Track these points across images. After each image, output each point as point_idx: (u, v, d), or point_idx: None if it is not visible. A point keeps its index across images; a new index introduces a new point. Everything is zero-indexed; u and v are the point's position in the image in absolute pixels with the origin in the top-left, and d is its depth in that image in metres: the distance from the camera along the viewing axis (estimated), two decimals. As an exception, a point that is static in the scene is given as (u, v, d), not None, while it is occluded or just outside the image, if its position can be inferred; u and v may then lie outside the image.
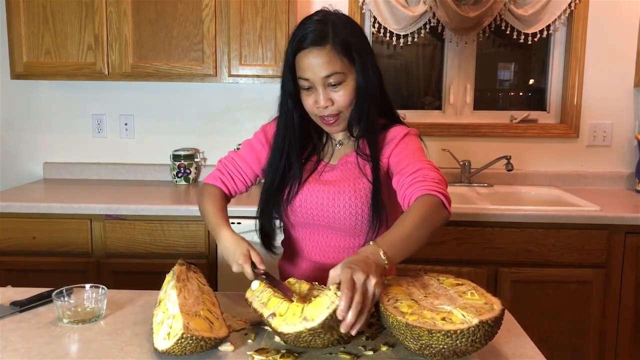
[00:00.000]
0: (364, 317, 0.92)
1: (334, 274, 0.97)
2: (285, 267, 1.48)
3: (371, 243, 1.04)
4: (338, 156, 1.38)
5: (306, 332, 0.93)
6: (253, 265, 1.18)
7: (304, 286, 1.15)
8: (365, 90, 1.27)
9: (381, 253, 1.01)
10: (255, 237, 1.43)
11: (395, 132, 1.33)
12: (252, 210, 1.48)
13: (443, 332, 0.88)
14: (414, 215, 1.10)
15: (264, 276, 1.16)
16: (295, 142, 1.33)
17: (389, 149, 1.31)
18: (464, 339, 0.88)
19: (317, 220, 1.33)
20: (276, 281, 1.16)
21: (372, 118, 1.30)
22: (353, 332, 0.92)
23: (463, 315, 0.91)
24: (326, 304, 0.92)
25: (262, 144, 1.42)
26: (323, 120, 1.29)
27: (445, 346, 0.89)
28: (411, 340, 0.92)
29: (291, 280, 1.20)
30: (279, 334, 0.99)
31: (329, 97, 1.25)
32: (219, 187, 1.42)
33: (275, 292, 1.07)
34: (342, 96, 1.25)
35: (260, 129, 1.46)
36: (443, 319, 0.91)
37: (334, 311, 0.90)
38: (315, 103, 1.26)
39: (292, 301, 1.02)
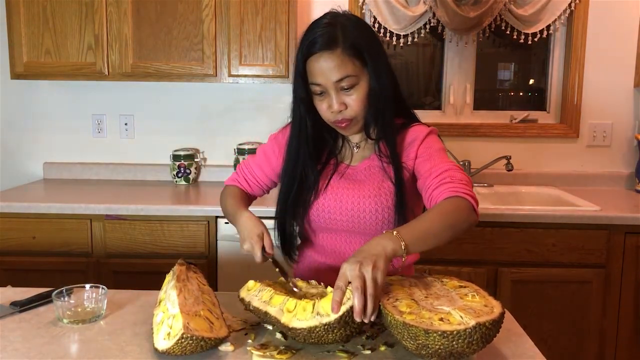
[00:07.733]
0: (376, 304, 0.94)
1: (345, 268, 0.97)
2: (304, 273, 1.44)
3: (394, 232, 1.03)
4: (358, 159, 1.36)
5: (321, 326, 0.94)
6: (263, 249, 1.21)
7: (300, 284, 1.17)
8: (379, 91, 1.25)
9: (402, 244, 1.01)
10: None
11: (416, 132, 1.31)
12: (272, 210, 1.43)
13: (439, 333, 0.88)
14: (438, 212, 1.11)
15: (272, 261, 1.20)
16: (309, 148, 1.31)
17: (413, 150, 1.29)
18: (460, 340, 0.88)
19: (340, 224, 1.31)
20: (282, 269, 1.20)
21: (388, 119, 1.28)
22: (366, 320, 0.94)
23: (461, 316, 0.91)
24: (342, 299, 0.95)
25: (274, 151, 1.42)
26: (337, 123, 1.26)
27: (442, 347, 0.89)
28: (408, 339, 0.93)
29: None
30: (290, 331, 0.99)
31: (342, 101, 1.22)
32: (237, 186, 1.47)
33: (276, 291, 1.08)
34: (355, 100, 1.22)
35: (273, 136, 1.46)
36: (441, 319, 0.92)
37: (352, 307, 0.92)
38: (329, 108, 1.24)
39: (299, 296, 1.04)
